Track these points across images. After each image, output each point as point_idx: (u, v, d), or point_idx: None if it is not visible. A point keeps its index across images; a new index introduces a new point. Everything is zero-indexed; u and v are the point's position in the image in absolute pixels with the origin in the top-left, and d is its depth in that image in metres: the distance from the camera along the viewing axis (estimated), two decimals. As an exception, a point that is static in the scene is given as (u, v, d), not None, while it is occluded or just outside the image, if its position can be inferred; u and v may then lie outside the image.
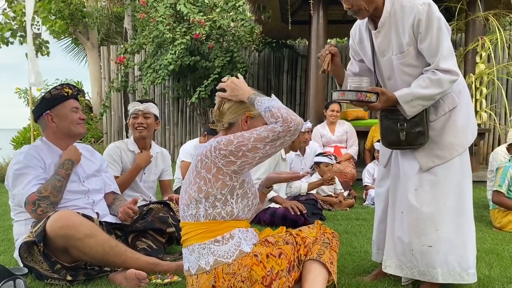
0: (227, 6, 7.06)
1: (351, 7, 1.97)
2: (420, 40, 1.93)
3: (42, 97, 2.38)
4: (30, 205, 2.16)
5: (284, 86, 9.07)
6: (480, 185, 5.53)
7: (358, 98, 1.95)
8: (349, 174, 4.99)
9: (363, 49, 2.20)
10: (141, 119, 3.08)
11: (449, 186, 2.01)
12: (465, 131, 2.05)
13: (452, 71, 1.92)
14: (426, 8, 1.90)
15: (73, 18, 9.78)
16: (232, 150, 1.72)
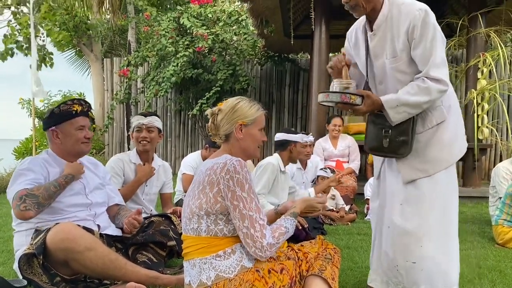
0: (230, 20, 7.13)
1: (348, 1, 1.95)
2: (413, 46, 1.90)
3: (52, 111, 2.38)
4: (16, 199, 2.12)
5: (286, 99, 9.10)
6: (482, 201, 5.50)
7: (342, 100, 1.92)
8: (350, 187, 4.97)
9: (358, 52, 2.17)
10: (144, 133, 3.09)
11: (434, 202, 1.98)
12: (452, 146, 2.01)
13: (442, 81, 1.88)
14: (423, 14, 1.88)
15: (77, 30, 9.88)
16: (235, 193, 1.71)
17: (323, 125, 6.15)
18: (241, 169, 1.72)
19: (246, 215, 1.70)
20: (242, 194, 1.70)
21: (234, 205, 1.71)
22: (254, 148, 1.92)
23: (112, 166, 3.06)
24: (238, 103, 1.91)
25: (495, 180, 4.10)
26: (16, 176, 2.24)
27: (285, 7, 6.48)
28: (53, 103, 10.38)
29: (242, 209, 1.70)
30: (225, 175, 1.71)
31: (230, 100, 1.93)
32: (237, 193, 1.70)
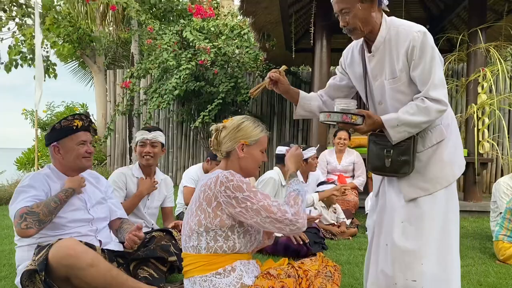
0: (233, 34, 7.20)
1: (346, 25, 1.98)
2: (412, 67, 1.94)
3: (53, 126, 2.40)
4: (17, 218, 2.13)
5: (287, 111, 9.14)
6: (483, 215, 5.50)
7: (343, 120, 1.95)
8: (352, 202, 4.97)
9: (353, 72, 2.20)
10: (148, 148, 3.12)
11: (435, 220, 1.99)
12: (451, 165, 2.03)
13: (441, 101, 1.91)
14: (421, 36, 1.91)
15: (81, 42, 9.98)
16: (238, 197, 1.73)
17: (324, 137, 6.17)
18: (233, 176, 1.76)
19: (259, 207, 1.73)
20: (244, 194, 1.73)
21: (244, 207, 1.73)
22: (253, 168, 1.94)
23: (115, 180, 3.09)
24: (243, 122, 1.94)
25: (496, 195, 4.11)
26: (17, 193, 2.26)
27: (286, 21, 6.55)
28: (56, 114, 10.45)
29: (252, 205, 1.73)
30: (220, 188, 1.74)
31: (235, 119, 1.96)
32: (239, 197, 1.73)
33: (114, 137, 9.63)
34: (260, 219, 1.73)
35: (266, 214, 1.72)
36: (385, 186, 2.15)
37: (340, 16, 2.00)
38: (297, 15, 6.85)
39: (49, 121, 10.39)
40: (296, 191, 1.84)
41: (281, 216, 1.73)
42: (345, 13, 1.96)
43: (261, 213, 1.73)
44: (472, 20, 5.91)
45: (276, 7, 6.10)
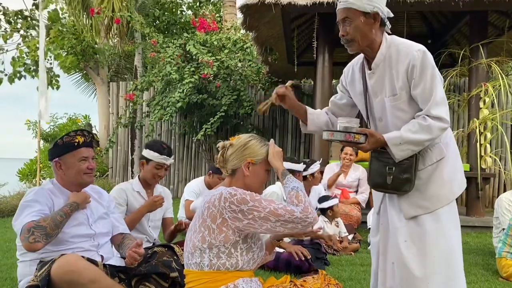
0: (235, 47, 7.26)
1: (346, 35, 2.00)
2: (413, 85, 1.95)
3: (55, 142, 2.42)
4: (25, 232, 2.13)
5: (289, 124, 9.16)
6: (486, 231, 5.47)
7: (346, 139, 1.98)
8: (354, 217, 4.96)
9: (353, 89, 2.22)
10: (163, 172, 3.12)
11: (437, 239, 1.99)
12: (451, 183, 2.03)
13: (442, 119, 1.93)
14: (421, 55, 1.93)
15: (85, 54, 10.07)
16: (243, 209, 1.74)
17: (326, 151, 6.18)
18: (235, 191, 1.77)
19: (266, 214, 1.74)
20: (249, 206, 1.74)
21: (251, 218, 1.74)
22: (257, 187, 1.94)
23: (115, 196, 3.07)
24: (250, 141, 1.95)
25: (498, 212, 4.09)
26: (22, 208, 2.26)
27: (289, 36, 6.61)
28: (58, 126, 10.49)
29: (259, 214, 1.74)
30: (224, 204, 1.75)
31: (243, 137, 1.98)
32: (244, 209, 1.74)
33: (116, 149, 9.65)
34: (270, 225, 1.74)
35: (275, 218, 1.73)
36: (386, 204, 2.16)
37: (341, 25, 2.02)
38: (299, 29, 6.91)
39: (52, 132, 10.45)
40: (295, 188, 1.84)
41: (290, 216, 1.74)
42: (347, 23, 1.99)
43: (270, 219, 1.73)
44: (473, 36, 5.95)
45: (279, 22, 6.16)
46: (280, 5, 5.40)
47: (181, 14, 10.69)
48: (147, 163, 3.11)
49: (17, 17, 10.80)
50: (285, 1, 5.37)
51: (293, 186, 1.85)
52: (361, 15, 1.97)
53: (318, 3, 5.37)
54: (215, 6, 12.23)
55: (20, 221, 2.21)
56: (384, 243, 2.15)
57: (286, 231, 1.78)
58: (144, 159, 3.13)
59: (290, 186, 1.86)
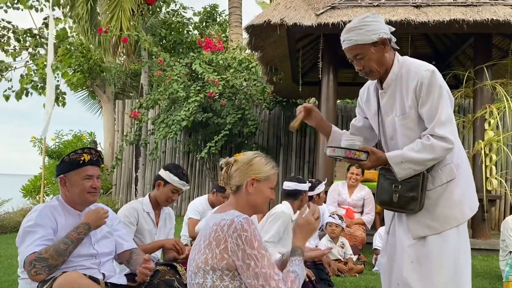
0: (241, 67, 7.32)
1: (362, 69, 2.05)
2: (420, 104, 1.98)
3: (62, 159, 2.41)
4: (27, 264, 2.12)
5: (294, 143, 9.17)
6: (493, 254, 5.39)
7: (347, 155, 2.00)
8: (359, 237, 4.91)
9: (369, 108, 2.26)
10: (176, 196, 3.12)
11: (444, 261, 1.96)
12: (462, 205, 2.01)
13: (447, 139, 1.92)
14: (429, 74, 1.96)
15: (92, 72, 10.19)
16: (246, 251, 1.69)
17: (330, 170, 6.16)
18: (248, 227, 1.72)
19: (260, 273, 1.68)
20: (252, 252, 1.69)
21: (246, 264, 1.69)
22: (261, 204, 1.92)
23: (126, 215, 3.03)
24: (255, 158, 1.93)
25: (505, 234, 4.04)
26: (25, 235, 2.22)
27: (294, 56, 6.67)
28: (64, 143, 10.54)
29: (254, 267, 1.68)
30: (232, 233, 1.71)
31: (247, 154, 1.97)
32: (247, 251, 1.69)
33: (121, 166, 9.66)
34: (255, 283, 1.68)
35: (262, 282, 1.68)
36: (395, 224, 2.14)
37: (354, 61, 2.06)
38: (304, 49, 6.98)
39: (57, 149, 10.48)
40: (295, 273, 1.78)
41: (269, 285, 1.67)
42: (360, 59, 2.03)
43: (259, 279, 1.68)
44: (478, 58, 5.98)
45: (284, 42, 6.22)
46: (286, 26, 5.46)
47: (187, 34, 10.83)
48: (164, 185, 3.07)
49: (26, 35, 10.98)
50: (290, 21, 5.44)
51: (295, 270, 1.79)
52: (370, 46, 2.01)
53: (323, 24, 5.44)
54: (221, 26, 12.40)
55: (22, 250, 2.18)
56: (390, 263, 2.13)
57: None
58: (162, 180, 3.07)
59: (293, 267, 1.80)
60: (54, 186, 10.13)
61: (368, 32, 2.00)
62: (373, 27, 2.01)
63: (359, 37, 2.00)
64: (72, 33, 11.18)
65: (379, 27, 2.02)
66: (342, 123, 9.11)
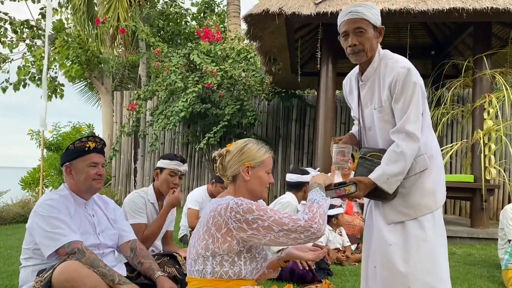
0: (239, 57, 7.29)
1: (357, 44, 2.08)
2: (394, 100, 2.05)
3: (67, 147, 2.42)
4: (69, 249, 2.14)
5: (293, 134, 9.16)
6: (491, 242, 5.42)
7: (338, 194, 2.05)
8: (357, 226, 4.92)
9: (352, 100, 2.33)
10: (177, 180, 3.09)
11: (421, 245, 2.03)
12: (434, 194, 2.09)
13: (413, 135, 2.00)
14: (405, 72, 2.02)
15: (89, 63, 10.13)
16: (248, 219, 1.71)
17: (329, 160, 6.15)
18: (242, 201, 1.75)
19: (270, 223, 1.70)
20: (254, 214, 1.71)
21: (255, 227, 1.71)
22: (261, 190, 1.93)
23: (135, 201, 3.01)
24: (246, 145, 1.94)
25: (503, 223, 4.05)
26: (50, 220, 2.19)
27: (292, 46, 6.64)
28: (62, 135, 10.52)
29: (263, 223, 1.70)
30: (230, 214, 1.73)
31: (239, 142, 1.97)
32: (249, 218, 1.71)
33: (119, 158, 9.66)
34: (274, 235, 1.71)
35: (278, 228, 1.70)
36: (372, 208, 2.23)
37: (351, 35, 2.09)
38: (303, 39, 6.95)
39: (55, 141, 10.46)
40: (311, 200, 1.82)
41: (293, 225, 1.70)
42: (359, 33, 2.07)
43: (273, 228, 1.70)
44: (477, 47, 5.96)
45: (283, 32, 6.19)
46: (284, 15, 5.43)
47: (185, 25, 10.76)
48: (161, 173, 3.10)
49: (23, 27, 10.91)
50: (289, 11, 5.41)
51: (311, 198, 1.83)
52: (372, 28, 2.08)
53: (322, 13, 5.41)
54: (219, 16, 12.33)
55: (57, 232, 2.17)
56: (367, 246, 2.21)
57: (289, 242, 1.73)
58: (158, 169, 3.12)
59: (312, 196, 1.84)
60: (53, 178, 10.13)
61: (376, 16, 2.09)
62: (379, 14, 2.12)
63: (369, 14, 2.06)
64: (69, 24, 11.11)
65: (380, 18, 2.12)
66: (341, 113, 9.09)
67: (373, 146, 2.19)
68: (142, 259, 2.47)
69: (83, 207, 2.41)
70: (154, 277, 2.35)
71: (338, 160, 2.16)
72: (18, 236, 5.07)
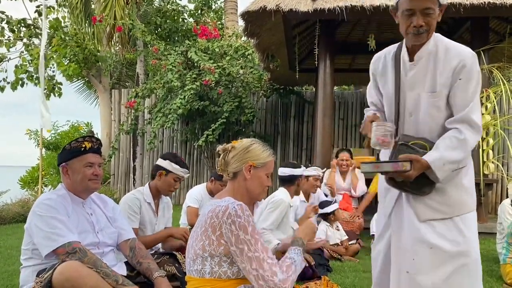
0: (237, 54, 7.27)
1: (424, 25, 1.91)
2: (456, 85, 1.91)
3: (64, 147, 2.42)
4: (69, 248, 2.13)
5: (291, 131, 9.16)
6: (489, 237, 5.43)
7: (395, 169, 1.88)
8: (356, 223, 4.93)
9: (385, 80, 2.12)
10: (178, 185, 3.13)
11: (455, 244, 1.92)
12: (471, 193, 1.99)
13: (479, 127, 1.89)
14: (474, 59, 1.92)
15: (87, 62, 10.11)
16: (239, 236, 1.70)
17: (328, 157, 6.16)
18: (242, 213, 1.72)
19: (253, 257, 1.69)
20: (245, 237, 1.70)
21: (240, 249, 1.70)
22: (259, 192, 1.93)
23: (130, 204, 3.01)
24: (252, 144, 1.94)
25: (502, 217, 4.07)
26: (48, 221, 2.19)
27: (290, 42, 6.62)
28: (60, 133, 10.50)
29: (248, 252, 1.69)
30: (227, 219, 1.71)
31: (245, 140, 1.97)
32: (240, 236, 1.69)
33: (118, 156, 9.65)
34: (249, 268, 1.69)
35: (256, 266, 1.68)
36: (402, 206, 2.03)
37: (417, 14, 1.90)
38: (300, 36, 6.93)
39: (54, 140, 10.45)
40: (292, 259, 1.78)
41: (268, 275, 1.67)
42: (428, 14, 1.91)
43: (252, 263, 1.68)
44: (474, 42, 5.95)
45: (280, 29, 6.17)
46: (281, 12, 5.42)
47: (182, 22, 10.73)
48: (166, 175, 3.07)
49: (20, 26, 10.87)
50: (286, 7, 5.39)
51: (293, 257, 1.79)
52: (437, 7, 1.93)
53: (319, 9, 5.39)
54: (216, 13, 12.29)
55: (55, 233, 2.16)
56: (396, 250, 2.02)
57: (254, 284, 1.70)
58: (163, 170, 3.07)
59: (291, 254, 1.81)
60: (52, 177, 10.12)
61: None
62: None
63: None
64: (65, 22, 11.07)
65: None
66: (340, 110, 9.09)
67: (414, 133, 2.01)
68: (140, 259, 2.47)
69: (80, 206, 2.41)
70: (152, 278, 2.36)
71: (380, 141, 1.92)
72: (18, 236, 5.07)
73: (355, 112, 9.12)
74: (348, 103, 9.16)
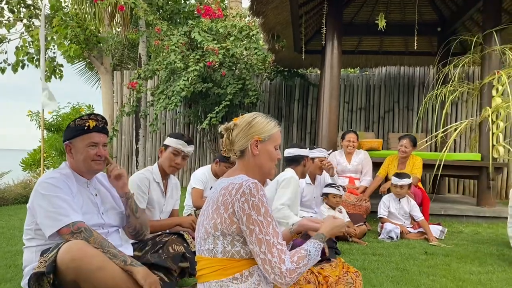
0: (241, 35, 7.12)
1: None
2: None
3: (68, 124, 2.31)
4: (73, 228, 2.06)
5: (295, 114, 9.06)
6: (498, 221, 5.38)
7: None
8: (363, 207, 4.87)
9: None
10: (180, 160, 3.04)
11: None
12: None
13: None
14: None
15: (88, 43, 9.94)
16: (251, 216, 1.62)
17: (333, 140, 6.07)
18: (256, 192, 1.64)
19: (263, 239, 1.61)
20: (258, 217, 1.61)
21: (250, 229, 1.62)
22: (270, 166, 1.83)
23: (139, 184, 2.96)
24: (255, 118, 1.84)
25: (513, 201, 3.98)
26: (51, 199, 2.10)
27: (296, 22, 6.48)
28: (61, 115, 10.41)
29: (259, 233, 1.61)
30: (240, 197, 1.63)
31: (246, 116, 1.87)
32: (252, 216, 1.61)
33: (121, 138, 9.58)
34: (257, 250, 1.61)
35: (265, 249, 1.60)
36: None
37: None
38: (307, 15, 6.78)
39: (55, 123, 10.36)
40: (307, 252, 1.66)
41: (276, 262, 1.59)
42: None
43: (261, 245, 1.61)
44: (486, 22, 5.81)
45: (286, 7, 6.03)
46: (288, -10, 5.27)
47: (185, 4, 10.52)
48: (165, 150, 3.06)
49: (20, 6, 10.67)
50: (293, -15, 5.24)
51: (308, 248, 1.68)
52: None
53: (327, -13, 5.24)
54: (219, -6, 12.05)
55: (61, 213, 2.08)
56: None
57: (260, 266, 1.63)
58: (163, 146, 3.08)
59: (309, 247, 1.69)
60: (54, 159, 10.06)
61: None
62: None
63: None
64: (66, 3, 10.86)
65: None
66: (345, 92, 8.97)
67: None
68: None
69: (85, 186, 2.32)
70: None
71: None
72: (20, 217, 5.02)
73: (360, 95, 9.00)
74: (353, 86, 9.03)
